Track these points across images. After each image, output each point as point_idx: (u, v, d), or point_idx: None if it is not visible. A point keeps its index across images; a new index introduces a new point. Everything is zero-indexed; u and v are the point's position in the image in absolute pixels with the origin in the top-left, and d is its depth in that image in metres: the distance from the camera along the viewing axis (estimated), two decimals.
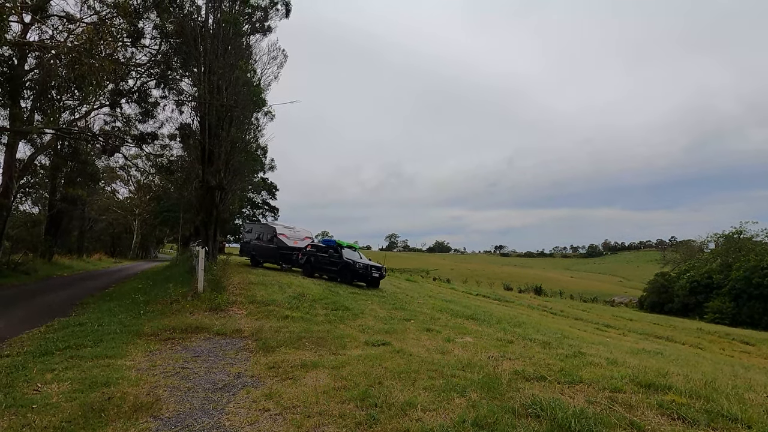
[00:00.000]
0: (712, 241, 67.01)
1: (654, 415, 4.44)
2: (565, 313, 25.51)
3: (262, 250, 21.85)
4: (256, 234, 22.95)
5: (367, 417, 3.78)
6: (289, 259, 20.19)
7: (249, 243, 23.29)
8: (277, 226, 21.67)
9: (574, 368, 6.15)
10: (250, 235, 23.69)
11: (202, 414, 3.89)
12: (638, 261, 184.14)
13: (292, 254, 20.14)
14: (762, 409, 4.89)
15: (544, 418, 3.91)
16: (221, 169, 15.19)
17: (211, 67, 15.13)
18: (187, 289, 10.91)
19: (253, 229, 23.96)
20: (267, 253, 21.53)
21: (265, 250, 21.60)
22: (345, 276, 17.45)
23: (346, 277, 17.42)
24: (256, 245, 22.37)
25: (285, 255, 20.34)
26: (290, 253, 20.21)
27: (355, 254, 18.78)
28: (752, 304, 46.72)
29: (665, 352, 12.13)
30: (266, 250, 21.55)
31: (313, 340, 7.02)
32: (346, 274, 17.44)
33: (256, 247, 22.34)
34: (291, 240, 21.05)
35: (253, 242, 22.85)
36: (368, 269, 17.45)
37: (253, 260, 22.51)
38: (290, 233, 21.56)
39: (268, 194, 54.23)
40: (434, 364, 5.83)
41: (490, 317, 13.29)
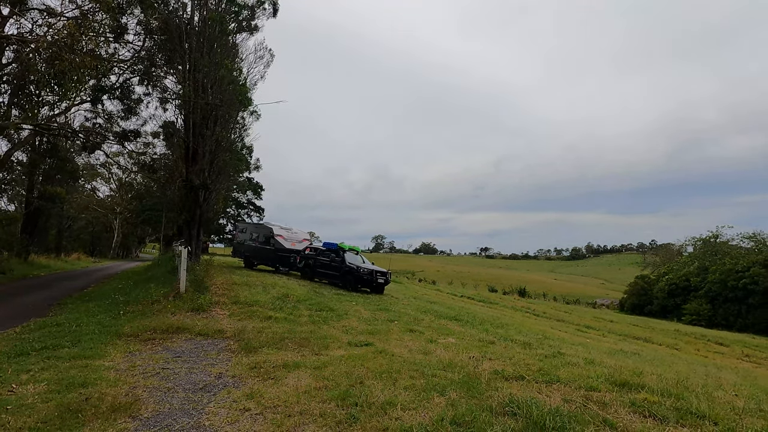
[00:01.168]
0: (690, 245, 68.88)
1: (626, 412, 4.59)
2: (547, 314, 25.92)
3: (258, 251, 21.08)
4: (251, 234, 22.12)
5: (347, 416, 3.82)
6: (287, 261, 19.47)
7: (243, 244, 22.47)
8: (274, 227, 20.79)
9: (553, 368, 6.30)
10: (244, 235, 22.86)
11: (182, 414, 3.87)
12: (620, 264, 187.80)
13: (289, 257, 19.42)
14: (729, 407, 5.10)
15: (520, 416, 4.01)
16: (205, 169, 15.01)
17: (196, 65, 14.96)
18: (169, 289, 10.76)
19: (247, 229, 23.06)
20: (262, 254, 20.78)
21: (261, 251, 20.84)
22: (348, 282, 16.62)
23: (349, 282, 16.58)
24: (251, 246, 21.57)
25: (282, 257, 19.58)
26: (288, 255, 19.48)
27: (358, 258, 18.05)
28: (727, 306, 48.20)
29: (642, 352, 12.45)
30: (262, 251, 20.77)
31: (296, 340, 7.02)
32: (349, 280, 16.61)
33: (251, 248, 21.53)
34: (288, 242, 20.33)
35: (247, 243, 22.03)
36: (373, 275, 16.65)
37: (246, 262, 21.76)
38: (288, 234, 20.82)
39: (253, 194, 53.79)
40: (416, 364, 5.90)
41: (474, 319, 13.44)
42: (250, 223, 23.71)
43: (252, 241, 21.68)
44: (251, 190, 52.43)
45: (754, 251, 53.70)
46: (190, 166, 15.05)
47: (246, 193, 52.13)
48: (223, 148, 15.46)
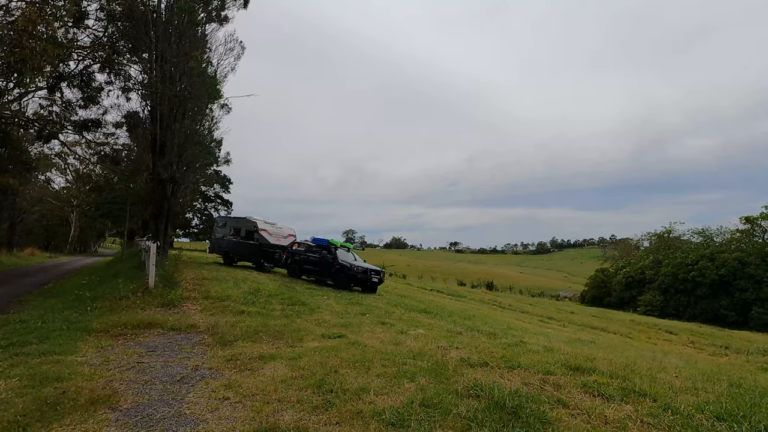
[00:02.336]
0: (646, 240, 72.71)
1: (578, 393, 5.05)
2: (513, 306, 26.93)
3: (239, 247, 20.07)
4: (232, 229, 20.98)
5: (323, 402, 4.06)
6: (272, 258, 18.70)
7: (223, 239, 21.28)
8: (258, 221, 19.78)
9: (515, 355, 6.75)
10: (223, 230, 21.67)
11: (162, 404, 3.99)
12: (582, 258, 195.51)
13: (275, 253, 18.65)
14: (668, 386, 5.67)
15: (483, 397, 4.37)
16: (174, 162, 14.71)
17: (163, 54, 14.60)
18: (137, 284, 10.59)
19: (227, 223, 21.73)
20: (245, 250, 19.79)
21: (243, 247, 19.85)
22: (341, 280, 15.99)
23: (342, 281, 15.96)
24: (232, 241, 20.52)
25: (267, 253, 18.74)
26: (273, 251, 18.70)
27: (349, 255, 17.31)
28: (678, 297, 51.35)
29: (598, 341, 13.29)
30: (244, 247, 19.78)
31: (270, 333, 7.16)
32: (342, 279, 15.96)
33: (232, 243, 20.48)
34: (273, 237, 19.49)
35: (227, 238, 20.92)
36: (368, 273, 16.03)
37: (226, 258, 20.74)
38: (272, 229, 19.92)
39: (221, 187, 52.63)
40: (387, 354, 6.19)
41: (443, 311, 13.91)
42: (231, 217, 22.09)
43: (233, 235, 20.65)
44: (219, 184, 51.28)
45: (702, 246, 57.43)
46: (158, 159, 14.71)
47: (213, 186, 50.93)
48: (192, 141, 15.18)
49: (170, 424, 3.57)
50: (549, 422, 3.95)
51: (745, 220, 52.55)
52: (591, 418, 4.22)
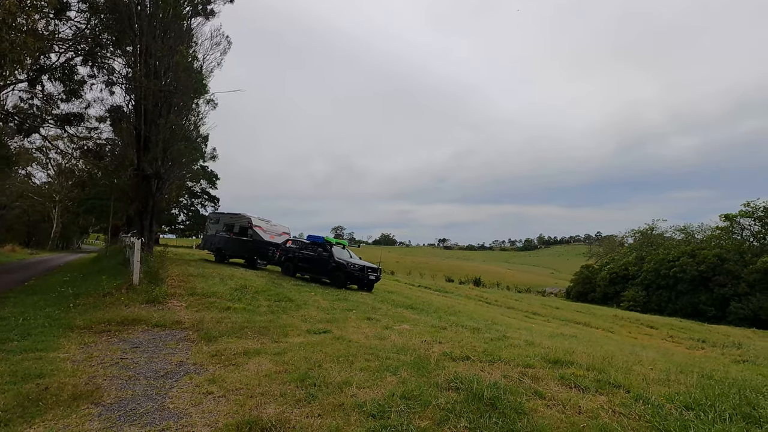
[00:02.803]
0: (630, 237, 74.11)
1: (555, 385, 5.22)
2: (499, 302, 27.31)
3: (232, 243, 19.72)
4: (225, 225, 20.55)
5: (306, 395, 4.14)
6: (266, 255, 18.40)
7: (215, 235, 20.85)
8: (252, 217, 19.39)
9: (496, 349, 6.90)
10: (216, 226, 21.23)
11: (146, 399, 4.02)
12: (569, 254, 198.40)
13: (268, 250, 18.37)
14: (641, 378, 5.88)
15: (462, 389, 4.50)
16: (159, 157, 14.53)
17: (148, 48, 14.39)
18: (122, 281, 10.50)
19: (220, 219, 21.28)
20: (238, 247, 19.46)
21: (236, 243, 19.50)
22: (337, 279, 15.67)
23: (338, 280, 15.63)
24: (225, 238, 20.15)
25: (261, 250, 18.45)
26: (267, 248, 18.41)
27: (345, 253, 17.01)
28: (660, 292, 52.56)
29: (579, 335, 13.62)
30: (237, 243, 19.44)
31: (255, 329, 7.20)
32: (338, 277, 15.64)
33: (225, 240, 20.11)
34: (267, 234, 19.22)
35: (220, 234, 20.52)
36: (364, 271, 15.73)
37: (218, 255, 20.38)
38: (267, 226, 19.64)
39: (208, 183, 52.08)
40: (371, 348, 6.29)
41: (429, 307, 14.08)
42: (225, 213, 21.53)
43: (225, 232, 20.27)
44: (206, 179, 50.73)
45: (683, 242, 58.80)
46: (143, 154, 14.54)
47: (200, 182, 50.36)
48: (177, 137, 15.02)
49: (153, 418, 3.61)
50: (525, 412, 4.09)
51: (725, 217, 53.93)
52: (566, 409, 4.38)
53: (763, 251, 46.96)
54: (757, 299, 42.43)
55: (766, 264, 42.88)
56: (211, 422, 3.52)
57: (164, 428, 3.42)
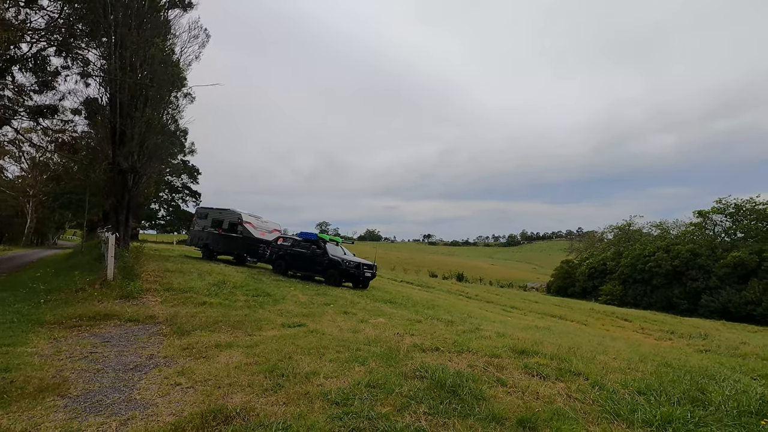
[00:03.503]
0: (610, 233, 75.78)
1: (519, 373, 5.44)
2: (479, 297, 27.72)
3: (221, 240, 19.30)
4: (213, 221, 20.06)
5: (273, 384, 4.24)
6: (256, 252, 18.02)
7: (203, 231, 20.38)
8: (242, 213, 18.97)
9: (466, 341, 7.10)
10: (203, 221, 20.67)
11: (113, 391, 4.07)
12: (551, 250, 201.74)
13: (259, 247, 18.00)
14: (602, 366, 6.15)
15: (427, 378, 4.66)
16: (135, 151, 14.31)
17: (123, 40, 14.10)
18: (96, 277, 10.38)
19: (208, 214, 20.73)
20: (227, 243, 19.05)
21: (225, 240, 19.08)
22: (332, 277, 15.32)
23: (333, 278, 15.29)
24: (213, 234, 19.71)
25: (251, 247, 18.06)
26: (257, 245, 18.04)
27: (339, 250, 16.70)
28: (636, 286, 54.07)
29: (553, 328, 13.97)
30: (226, 240, 19.01)
31: (230, 323, 7.25)
32: (333, 275, 15.30)
33: (213, 236, 19.68)
34: (258, 231, 18.83)
35: (207, 230, 20.08)
36: (360, 268, 15.36)
37: (206, 252, 19.92)
38: (257, 223, 19.26)
39: (189, 178, 51.32)
40: (344, 341, 6.42)
41: (407, 301, 14.26)
42: (213, 208, 20.93)
43: (214, 228, 19.82)
44: (187, 174, 49.96)
45: (659, 238, 60.54)
46: (118, 148, 14.29)
47: (181, 177, 49.58)
48: (154, 131, 14.79)
49: (119, 409, 3.67)
50: (484, 398, 4.28)
51: (698, 214, 55.67)
52: (524, 395, 4.59)
53: (733, 246, 48.69)
54: (726, 292, 44.04)
55: (735, 259, 44.51)
56: (177, 411, 3.60)
57: (129, 418, 3.49)
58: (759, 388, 5.59)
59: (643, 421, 4.02)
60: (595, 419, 4.07)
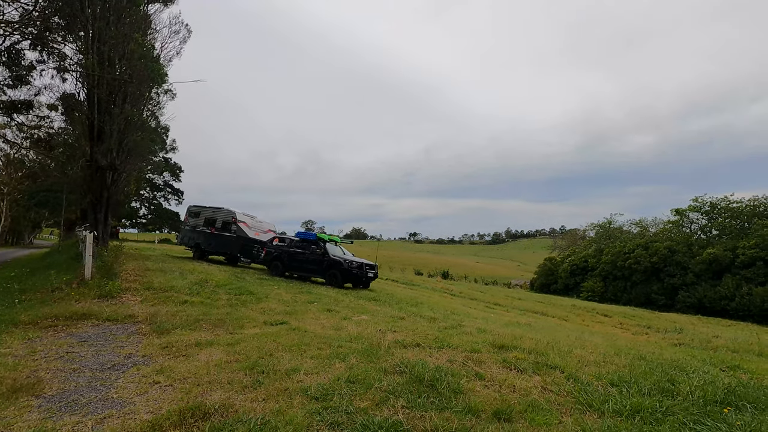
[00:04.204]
0: (591, 230, 77.35)
1: (497, 367, 5.55)
2: (463, 294, 28.02)
3: (214, 239, 18.80)
4: (206, 220, 19.53)
5: (253, 382, 4.25)
6: (250, 252, 17.60)
7: (195, 230, 19.81)
8: (236, 212, 18.51)
9: (447, 337, 7.21)
10: (195, 220, 20.10)
11: (89, 390, 4.02)
12: (534, 248, 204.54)
13: (253, 247, 17.57)
14: (577, 360, 6.32)
15: (406, 373, 4.73)
16: (114, 148, 14.02)
17: (101, 35, 13.80)
18: (73, 276, 10.17)
19: (201, 213, 20.13)
20: (220, 243, 18.53)
21: (218, 239, 18.57)
22: (333, 278, 14.94)
23: (334, 279, 14.90)
24: (205, 233, 19.20)
25: (246, 247, 17.63)
26: (252, 245, 17.60)
27: (337, 249, 16.34)
28: (616, 283, 55.31)
29: (534, 323, 14.25)
30: (219, 240, 18.50)
31: (211, 322, 7.21)
32: (335, 276, 14.90)
33: (205, 235, 19.17)
34: (252, 230, 18.39)
35: (200, 229, 19.52)
36: (363, 268, 14.97)
37: (197, 252, 19.45)
38: (252, 222, 18.82)
39: (171, 175, 50.47)
40: (326, 338, 6.45)
41: (391, 299, 14.33)
42: (205, 207, 20.37)
43: (206, 226, 19.31)
44: (169, 172, 49.11)
45: (638, 235, 62.07)
46: (96, 145, 13.99)
47: (162, 174, 48.71)
48: (134, 127, 14.52)
49: (95, 408, 3.64)
50: (462, 392, 4.37)
51: (676, 212, 57.26)
52: (501, 388, 4.70)
53: (708, 243, 50.22)
54: (702, 288, 45.43)
55: (710, 255, 45.90)
56: (155, 409, 3.59)
57: (106, 416, 3.47)
58: (726, 378, 5.83)
59: (613, 411, 4.17)
60: (568, 410, 4.20)
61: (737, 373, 6.78)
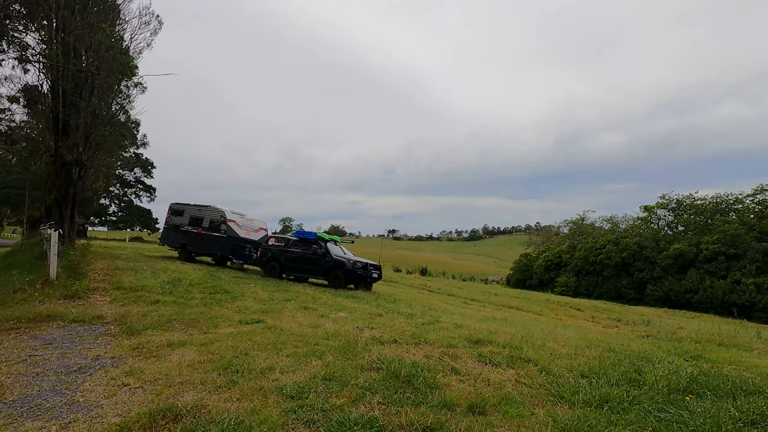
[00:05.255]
0: (565, 227, 79.33)
1: (472, 362, 5.64)
2: (441, 290, 28.29)
3: (202, 239, 17.89)
4: (191, 218, 18.60)
5: (227, 381, 4.18)
6: (242, 252, 16.84)
7: (179, 230, 18.84)
8: (225, 210, 17.65)
9: (424, 333, 7.27)
10: (179, 219, 19.07)
11: (54, 394, 3.87)
12: (511, 244, 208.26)
13: (245, 247, 16.87)
14: (550, 353, 6.48)
15: (383, 369, 4.75)
16: (80, 143, 13.45)
17: (65, 24, 13.20)
18: (36, 276, 9.74)
19: (185, 211, 19.16)
20: (209, 244, 17.64)
21: (207, 240, 17.66)
22: (336, 279, 14.38)
23: (337, 280, 14.33)
24: (191, 233, 18.27)
25: (238, 247, 16.85)
26: (245, 245, 16.89)
27: (339, 249, 15.82)
28: (588, 278, 56.98)
29: (509, 318, 14.53)
30: (208, 240, 17.61)
31: (184, 321, 7.04)
32: (337, 277, 14.35)
33: (192, 235, 18.23)
34: (243, 229, 17.65)
35: (185, 229, 18.58)
36: (368, 269, 14.47)
37: (183, 252, 18.47)
38: (242, 221, 17.99)
39: (142, 171, 48.96)
40: (303, 336, 6.41)
41: (369, 296, 14.32)
42: (190, 205, 19.30)
43: (192, 226, 18.44)
44: (140, 168, 47.62)
45: (609, 232, 64.07)
46: (61, 139, 13.40)
47: (133, 170, 47.19)
48: (102, 121, 13.97)
49: (60, 412, 3.50)
50: (438, 387, 4.42)
51: (644, 208, 59.35)
52: (476, 382, 4.78)
53: (675, 239, 52.32)
54: (669, 282, 47.31)
55: (676, 250, 47.84)
56: (123, 412, 3.49)
57: (71, 421, 3.34)
58: (689, 368, 6.10)
59: (583, 401, 4.30)
60: (541, 402, 4.31)
61: (699, 362, 7.09)
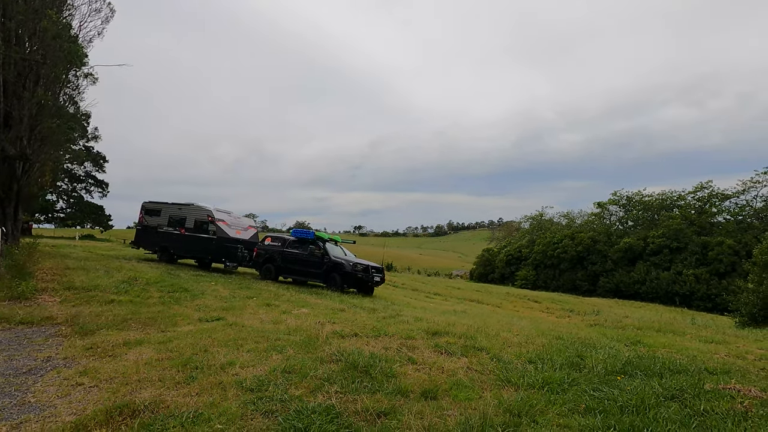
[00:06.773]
0: (526, 222, 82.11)
1: (429, 352, 5.92)
2: (405, 285, 28.73)
3: (186, 241, 16.61)
4: (171, 219, 17.27)
5: (186, 377, 4.22)
6: (234, 254, 15.77)
7: (157, 231, 17.51)
8: (212, 210, 16.37)
9: (385, 326, 7.50)
10: (157, 219, 17.67)
11: (2, 396, 3.77)
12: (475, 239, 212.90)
13: (236, 248, 15.86)
14: (503, 342, 6.87)
15: (342, 361, 4.92)
16: (24, 136, 12.67)
17: (6, 10, 12.36)
18: None
19: (162, 211, 17.66)
20: (195, 246, 16.37)
21: (193, 241, 16.41)
22: (334, 281, 13.93)
23: (336, 282, 13.87)
24: (174, 235, 16.99)
25: (229, 249, 15.72)
26: (235, 247, 15.86)
27: (338, 250, 15.28)
28: (546, 271, 59.42)
29: (469, 311, 15.08)
30: (194, 242, 16.35)
31: (141, 321, 6.92)
32: (336, 279, 13.90)
33: (175, 237, 16.94)
34: (233, 229, 16.50)
35: (165, 230, 17.30)
36: (369, 272, 13.98)
37: (164, 255, 17.23)
38: (230, 220, 16.74)
39: (94, 166, 46.41)
40: (264, 332, 6.47)
41: (333, 292, 14.44)
42: (167, 203, 17.80)
43: (173, 227, 17.17)
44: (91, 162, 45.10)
45: (566, 227, 67.06)
46: (3, 132, 12.57)
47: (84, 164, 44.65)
48: (48, 113, 13.21)
49: (10, 414, 3.44)
50: (395, 376, 4.65)
51: (597, 205, 62.56)
52: (431, 371, 5.04)
53: (625, 233, 55.56)
54: (619, 274, 50.21)
55: (626, 244, 50.82)
56: (78, 411, 3.47)
57: (23, 421, 3.30)
58: (627, 352, 6.66)
59: (528, 384, 4.66)
60: (490, 386, 4.63)
61: (638, 347, 7.70)
